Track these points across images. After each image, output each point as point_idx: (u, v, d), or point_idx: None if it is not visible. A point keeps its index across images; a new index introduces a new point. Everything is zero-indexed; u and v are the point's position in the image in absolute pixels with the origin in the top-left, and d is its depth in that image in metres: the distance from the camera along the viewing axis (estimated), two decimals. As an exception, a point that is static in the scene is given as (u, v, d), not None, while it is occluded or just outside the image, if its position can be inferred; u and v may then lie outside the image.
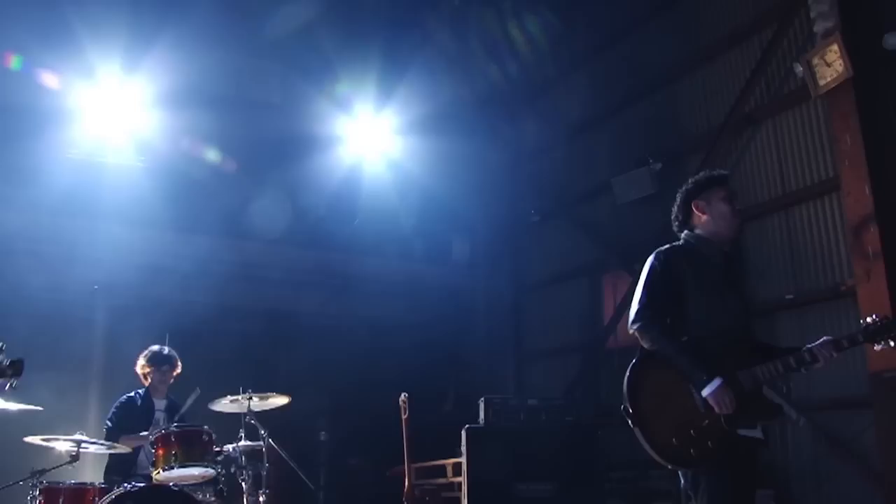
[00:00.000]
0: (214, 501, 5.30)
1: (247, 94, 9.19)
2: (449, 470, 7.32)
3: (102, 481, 5.59)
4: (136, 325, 7.64)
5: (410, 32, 9.22)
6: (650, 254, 3.64)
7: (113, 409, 6.09)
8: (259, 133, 9.21)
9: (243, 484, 5.55)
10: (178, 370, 6.23)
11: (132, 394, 6.21)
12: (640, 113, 8.85)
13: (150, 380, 6.19)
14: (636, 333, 3.50)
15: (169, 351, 6.21)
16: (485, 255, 10.65)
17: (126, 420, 5.96)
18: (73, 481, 5.30)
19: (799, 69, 6.77)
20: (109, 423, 6.02)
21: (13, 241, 7.56)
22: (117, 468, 5.85)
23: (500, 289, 10.48)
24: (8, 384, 2.72)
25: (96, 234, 8.36)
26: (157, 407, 6.19)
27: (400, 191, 9.90)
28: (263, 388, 5.86)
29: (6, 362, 2.71)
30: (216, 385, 6.41)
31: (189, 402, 5.85)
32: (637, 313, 3.51)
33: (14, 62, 7.81)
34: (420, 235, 10.23)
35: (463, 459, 5.95)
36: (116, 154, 8.87)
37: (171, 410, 6.20)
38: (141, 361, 6.22)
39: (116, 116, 8.66)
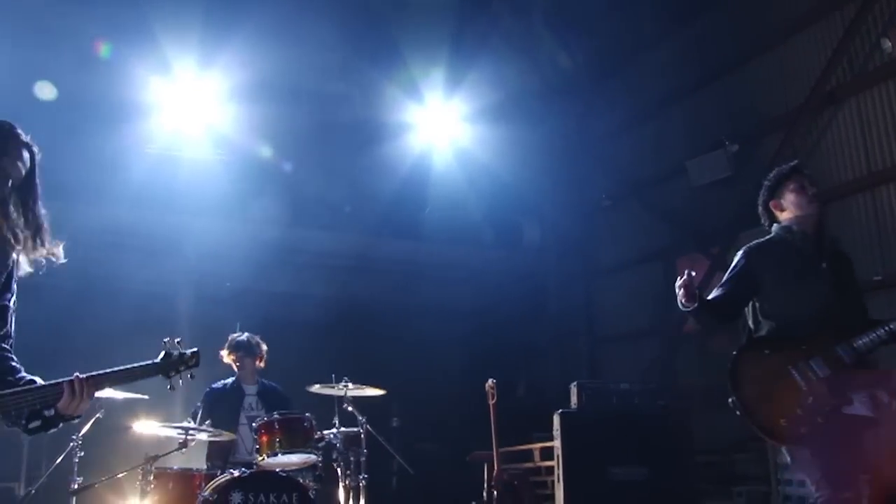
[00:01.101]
0: (316, 487, 5.39)
1: (318, 84, 9.29)
2: (536, 454, 7.35)
3: (204, 467, 5.75)
4: (219, 315, 7.80)
5: (479, 19, 9.20)
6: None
7: (203, 397, 6.22)
8: (330, 123, 9.33)
9: (338, 470, 5.65)
10: (262, 356, 6.31)
11: (221, 382, 6.34)
12: (715, 94, 8.73)
13: (236, 367, 6.31)
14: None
15: (248, 338, 6.30)
16: (555, 240, 10.64)
17: (216, 407, 6.05)
18: (177, 467, 5.47)
19: (887, 44, 6.64)
20: (199, 410, 6.15)
21: (102, 235, 7.74)
22: (217, 454, 5.98)
23: (572, 274, 10.47)
24: (190, 374, 2.79)
25: (176, 226, 8.54)
26: (247, 392, 6.29)
27: (469, 177, 9.92)
28: (335, 374, 6.01)
29: (188, 354, 2.78)
30: (288, 372, 6.58)
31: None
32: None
33: (104, 50, 7.98)
34: (490, 222, 10.24)
35: (556, 444, 5.97)
36: (193, 148, 9.03)
37: (263, 396, 6.31)
38: (224, 350, 6.34)
39: (192, 111, 8.81)
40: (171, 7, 8.13)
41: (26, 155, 2.64)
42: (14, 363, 2.63)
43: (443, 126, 9.72)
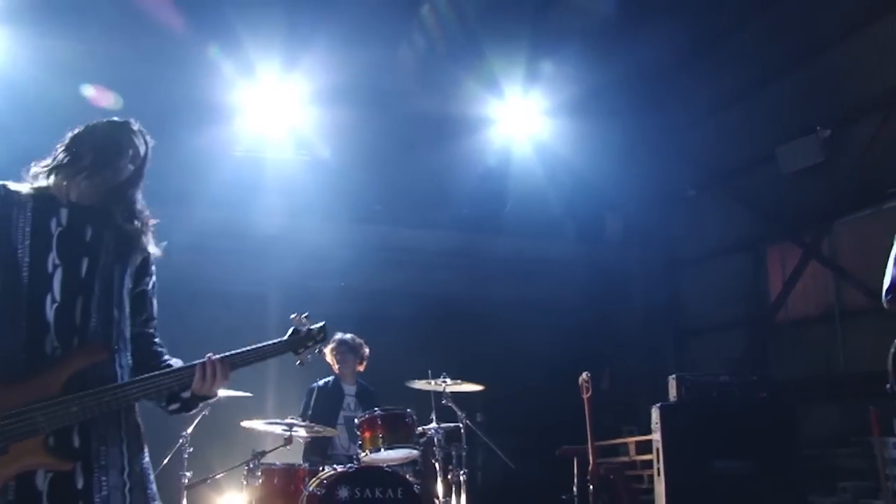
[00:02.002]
0: (417, 482, 5.43)
1: (398, 82, 9.33)
2: (631, 448, 7.27)
3: (304, 462, 5.84)
4: (317, 315, 7.88)
5: (558, 12, 9.12)
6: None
7: (305, 396, 6.32)
8: (410, 119, 9.36)
9: (436, 465, 5.68)
10: (363, 357, 6.38)
11: (322, 380, 6.42)
12: (804, 77, 8.48)
13: (337, 366, 6.38)
14: (889, 306, 3.44)
15: (352, 339, 6.37)
16: (638, 232, 10.52)
17: (317, 405, 6.14)
18: (280, 462, 5.58)
19: None
20: (302, 409, 6.25)
21: (198, 238, 7.90)
22: (315, 449, 6.08)
23: (656, 266, 10.34)
24: (318, 349, 2.79)
25: (270, 227, 8.70)
26: (346, 392, 6.37)
27: (549, 171, 9.87)
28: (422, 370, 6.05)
29: (315, 329, 2.78)
30: (378, 368, 6.64)
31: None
32: (890, 286, 3.44)
33: (213, 51, 8.20)
34: (571, 215, 10.18)
35: (656, 437, 5.88)
36: (277, 149, 9.19)
37: (361, 395, 6.38)
38: (327, 348, 6.41)
39: (276, 113, 8.95)
40: (256, 12, 8.29)
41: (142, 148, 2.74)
42: (157, 348, 2.67)
43: (522, 120, 9.68)
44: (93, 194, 2.61)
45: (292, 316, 2.75)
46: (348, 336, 6.35)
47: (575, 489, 7.30)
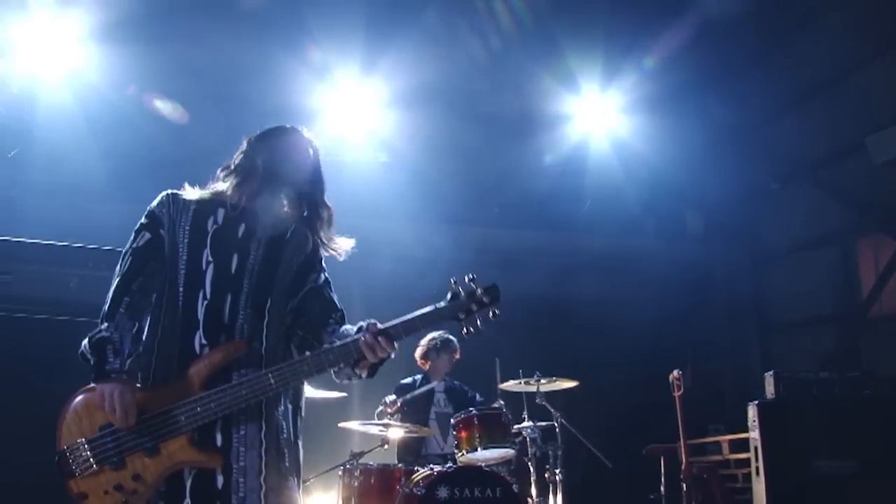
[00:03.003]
0: (515, 481, 5.44)
1: (474, 82, 9.35)
2: (724, 447, 7.15)
3: (398, 462, 5.90)
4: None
5: (635, 7, 9.01)
6: None
7: (394, 392, 6.34)
8: (487, 118, 9.37)
9: (529, 464, 5.68)
10: (457, 355, 6.43)
11: (410, 378, 6.47)
12: (894, 63, 8.20)
13: (429, 363, 6.42)
14: None
15: (448, 336, 6.41)
16: (720, 226, 10.33)
17: (406, 403, 6.20)
18: (375, 462, 5.64)
19: None
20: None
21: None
22: (408, 450, 6.13)
23: (739, 260, 10.15)
24: (490, 313, 2.64)
25: (346, 229, 8.76)
26: (436, 389, 6.41)
27: (626, 167, 9.77)
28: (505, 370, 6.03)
29: (480, 290, 2.64)
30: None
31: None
32: None
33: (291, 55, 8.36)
34: (650, 211, 10.05)
35: (753, 435, 5.78)
36: (355, 152, 9.27)
37: (450, 393, 6.42)
38: (420, 348, 6.46)
39: (354, 116, 9.04)
40: (333, 16, 8.38)
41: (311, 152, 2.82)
42: (328, 340, 2.69)
43: (600, 117, 9.61)
44: (254, 196, 2.70)
45: (452, 279, 2.61)
46: (444, 334, 6.39)
47: (662, 488, 7.22)
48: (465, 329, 2.60)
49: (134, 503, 2.42)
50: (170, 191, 2.73)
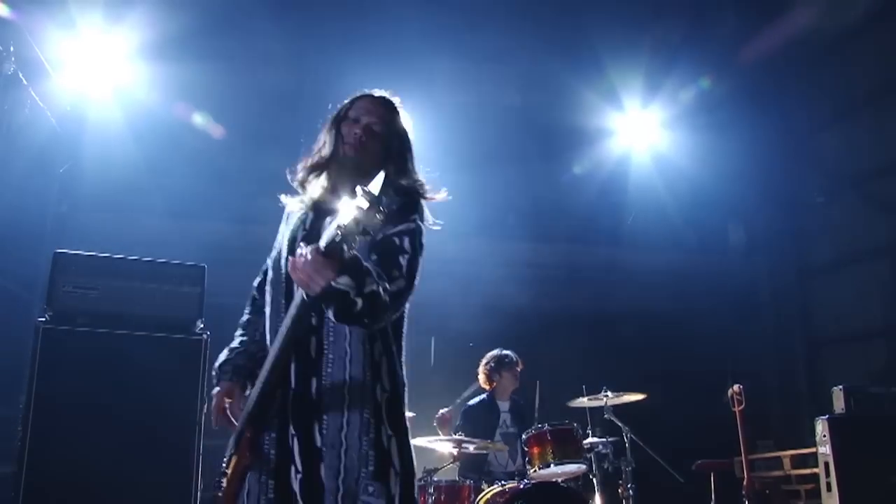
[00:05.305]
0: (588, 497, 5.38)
1: (517, 97, 9.36)
2: (786, 462, 7.07)
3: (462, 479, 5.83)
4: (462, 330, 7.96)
5: (678, 21, 9.02)
6: None
7: (461, 414, 6.32)
8: (530, 132, 9.37)
9: (594, 480, 5.61)
10: (520, 367, 6.37)
11: (477, 399, 6.41)
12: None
13: (493, 383, 6.36)
14: None
15: (511, 354, 6.36)
16: (764, 240, 10.28)
17: (474, 423, 6.14)
18: (444, 479, 5.58)
19: None
20: (456, 428, 6.23)
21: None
22: (472, 467, 6.07)
23: (784, 275, 10.07)
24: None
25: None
26: (501, 409, 6.36)
27: (668, 182, 9.73)
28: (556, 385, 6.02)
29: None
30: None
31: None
32: None
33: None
34: (692, 226, 9.97)
35: (824, 450, 5.70)
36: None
37: (515, 411, 6.36)
38: (483, 367, 6.40)
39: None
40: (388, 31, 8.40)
41: None
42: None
43: (642, 132, 9.62)
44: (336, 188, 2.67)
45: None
46: (506, 352, 6.34)
47: (713, 504, 7.14)
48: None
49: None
50: None
